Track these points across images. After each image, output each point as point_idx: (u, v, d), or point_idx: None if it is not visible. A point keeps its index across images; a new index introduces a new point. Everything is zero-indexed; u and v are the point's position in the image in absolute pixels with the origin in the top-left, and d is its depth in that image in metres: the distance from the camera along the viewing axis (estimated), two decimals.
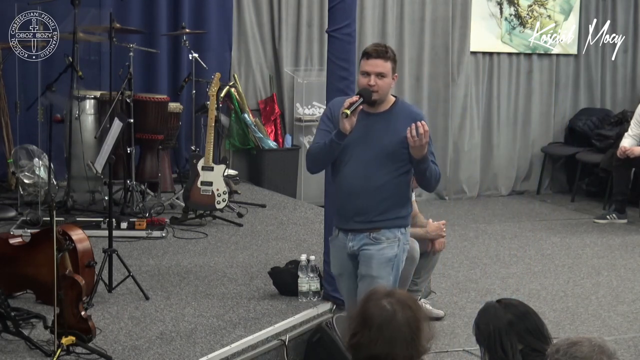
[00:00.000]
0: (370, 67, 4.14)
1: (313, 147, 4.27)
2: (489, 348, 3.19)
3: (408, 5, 9.52)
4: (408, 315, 2.72)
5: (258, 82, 9.11)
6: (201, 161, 7.19)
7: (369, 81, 4.12)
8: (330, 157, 4.20)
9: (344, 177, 4.24)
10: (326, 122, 4.23)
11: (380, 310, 2.72)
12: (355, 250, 4.28)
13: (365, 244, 4.25)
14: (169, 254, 6.38)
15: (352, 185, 4.22)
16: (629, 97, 10.63)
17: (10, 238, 5.34)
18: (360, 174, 4.19)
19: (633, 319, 5.91)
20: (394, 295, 2.79)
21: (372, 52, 4.15)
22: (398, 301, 2.75)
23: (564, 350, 2.59)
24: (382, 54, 4.15)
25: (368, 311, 2.75)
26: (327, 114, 4.27)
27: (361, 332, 2.73)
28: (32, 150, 7.44)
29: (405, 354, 2.71)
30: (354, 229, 4.26)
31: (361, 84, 4.17)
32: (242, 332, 4.87)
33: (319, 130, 4.26)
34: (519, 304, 3.30)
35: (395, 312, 2.71)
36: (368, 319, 2.73)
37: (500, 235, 8.11)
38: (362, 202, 4.21)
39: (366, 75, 4.14)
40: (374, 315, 2.72)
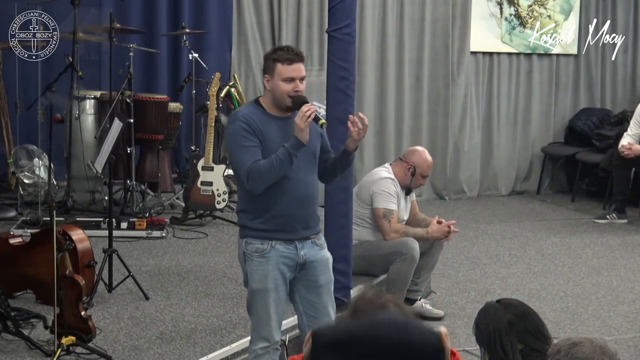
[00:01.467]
0: (295, 72, 3.96)
1: (259, 165, 3.90)
2: (489, 348, 3.19)
3: (408, 5, 9.51)
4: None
5: (258, 82, 9.10)
6: (201, 161, 7.20)
7: (296, 87, 3.96)
8: (284, 171, 3.93)
9: (290, 186, 4.01)
10: (248, 137, 3.93)
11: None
12: (307, 259, 4.08)
13: (313, 250, 4.10)
14: (169, 254, 6.38)
15: (300, 194, 4.05)
16: (629, 97, 10.63)
17: (10, 238, 5.35)
18: (303, 181, 4.06)
19: (633, 319, 5.91)
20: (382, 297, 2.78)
21: (293, 57, 3.99)
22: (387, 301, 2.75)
23: (565, 350, 2.59)
24: (302, 57, 4.04)
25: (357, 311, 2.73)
26: (246, 128, 3.93)
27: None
28: (32, 150, 7.44)
29: None
30: (302, 237, 4.07)
31: (284, 89, 3.95)
32: (242, 332, 4.88)
33: (245, 148, 3.91)
34: (519, 304, 3.30)
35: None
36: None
37: (500, 235, 8.11)
38: (309, 209, 4.11)
39: (290, 81, 3.96)
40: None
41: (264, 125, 3.96)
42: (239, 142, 3.95)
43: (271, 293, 4.02)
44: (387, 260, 5.53)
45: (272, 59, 4.01)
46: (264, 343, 4.03)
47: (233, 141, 3.99)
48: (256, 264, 4.02)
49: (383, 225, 5.59)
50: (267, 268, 4.02)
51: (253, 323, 4.09)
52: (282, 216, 4.01)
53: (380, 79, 9.46)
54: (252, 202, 4.02)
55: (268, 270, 4.01)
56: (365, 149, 9.37)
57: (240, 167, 3.96)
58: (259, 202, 3.99)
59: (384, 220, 5.58)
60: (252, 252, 4.02)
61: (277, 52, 4.03)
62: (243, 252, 4.06)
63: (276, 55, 4.00)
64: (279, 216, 4.01)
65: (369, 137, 9.40)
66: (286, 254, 4.03)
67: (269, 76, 4.01)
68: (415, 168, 5.69)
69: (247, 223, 4.05)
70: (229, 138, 4.04)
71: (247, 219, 4.04)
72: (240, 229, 4.11)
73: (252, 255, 4.02)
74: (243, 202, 4.09)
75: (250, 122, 3.95)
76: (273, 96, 4.00)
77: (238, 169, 3.99)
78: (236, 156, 3.98)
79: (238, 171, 4.00)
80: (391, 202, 5.61)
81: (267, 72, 4.02)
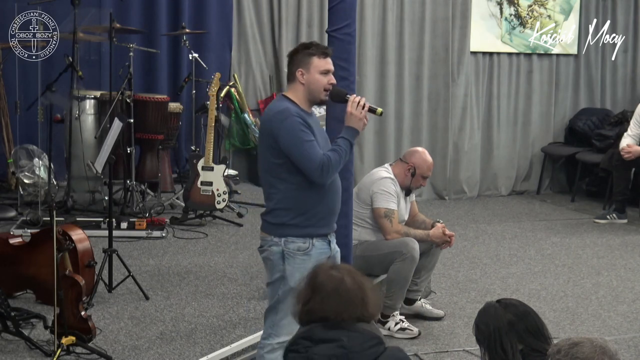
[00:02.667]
0: (329, 65, 4.10)
1: (330, 158, 3.97)
2: (489, 348, 3.20)
3: (408, 6, 9.51)
4: (356, 280, 3.02)
5: (258, 82, 9.11)
6: (201, 161, 7.20)
7: (330, 79, 4.09)
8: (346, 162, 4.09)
9: (335, 181, 4.12)
10: (307, 131, 3.98)
11: (329, 278, 3.00)
12: (334, 250, 4.19)
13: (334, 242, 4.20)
14: (169, 254, 6.38)
15: (339, 187, 4.16)
16: (629, 97, 10.63)
17: (10, 238, 5.35)
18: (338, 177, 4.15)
19: (633, 319, 5.91)
20: (339, 267, 3.14)
21: (327, 51, 4.11)
22: (344, 269, 3.07)
23: (565, 350, 2.59)
24: (330, 52, 4.15)
25: (318, 280, 3.01)
26: (302, 123, 3.99)
27: (313, 299, 2.98)
28: (32, 150, 7.44)
29: (353, 314, 2.98)
30: (333, 230, 4.17)
31: (322, 82, 4.05)
32: (242, 332, 4.88)
33: (309, 142, 3.96)
34: (519, 304, 3.30)
35: (343, 278, 3.00)
36: (318, 286, 2.99)
37: (500, 235, 8.11)
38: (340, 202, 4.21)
39: (326, 73, 4.08)
40: (324, 282, 2.99)
41: (308, 120, 4.02)
42: (302, 137, 3.95)
43: None
44: (387, 260, 5.52)
45: (307, 54, 4.06)
46: (286, 337, 3.91)
47: (295, 137, 3.96)
48: (299, 262, 4.02)
49: (384, 224, 5.59)
50: (309, 266, 3.96)
51: (280, 319, 4.05)
52: (326, 211, 4.07)
53: (381, 79, 9.46)
54: (298, 199, 4.02)
55: (307, 268, 3.94)
56: (365, 149, 9.37)
57: (309, 161, 3.95)
58: (306, 199, 4.01)
59: (385, 219, 5.58)
60: (294, 251, 4.03)
61: (310, 46, 4.09)
62: (281, 251, 4.04)
63: (311, 50, 4.06)
64: (322, 212, 4.06)
65: (369, 137, 9.40)
66: (322, 250, 4.07)
67: (303, 70, 4.04)
68: (416, 169, 5.69)
69: (287, 221, 4.03)
70: (289, 134, 3.97)
71: (289, 217, 4.03)
72: (275, 228, 4.08)
73: (295, 254, 4.03)
74: (286, 201, 4.04)
75: (302, 117, 3.99)
76: (308, 90, 4.05)
77: (307, 163, 3.96)
78: (303, 151, 3.95)
79: (307, 166, 3.96)
80: (391, 201, 5.60)
81: (301, 67, 4.04)
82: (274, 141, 3.99)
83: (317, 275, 3.03)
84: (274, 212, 4.08)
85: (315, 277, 3.03)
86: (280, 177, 4.03)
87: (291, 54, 4.15)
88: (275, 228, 4.08)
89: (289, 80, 4.13)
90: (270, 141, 4.01)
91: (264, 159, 4.11)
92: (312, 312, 2.98)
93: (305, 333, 2.99)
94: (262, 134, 4.12)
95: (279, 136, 3.97)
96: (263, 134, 4.11)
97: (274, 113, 4.04)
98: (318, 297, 2.96)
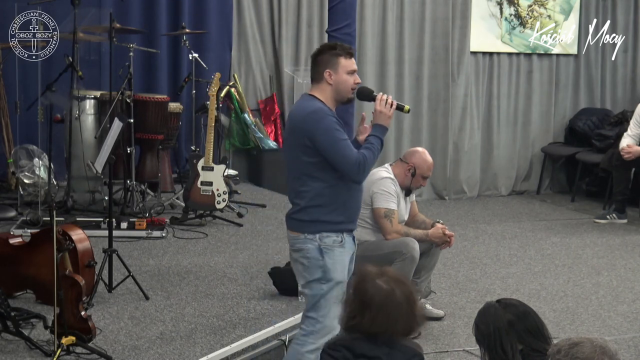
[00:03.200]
0: (354, 65, 4.21)
1: (366, 156, 4.08)
2: (489, 348, 3.19)
3: (408, 5, 9.52)
4: (404, 291, 2.86)
5: (258, 82, 9.11)
6: (201, 161, 7.20)
7: (356, 79, 4.19)
8: None
9: None
10: (342, 130, 4.10)
11: (378, 290, 2.83)
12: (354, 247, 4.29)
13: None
14: (169, 254, 6.38)
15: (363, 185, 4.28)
16: (629, 97, 10.63)
17: (10, 238, 5.34)
18: None
19: (633, 319, 5.91)
20: (386, 274, 2.91)
21: (351, 51, 4.22)
22: (392, 279, 2.88)
23: (566, 350, 2.59)
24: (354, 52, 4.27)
25: (366, 292, 2.84)
26: (337, 122, 4.11)
27: (361, 314, 2.84)
28: (32, 150, 7.44)
29: (405, 328, 2.86)
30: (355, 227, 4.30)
31: (350, 82, 4.15)
32: (242, 332, 4.88)
33: (345, 141, 4.06)
34: (519, 304, 3.30)
35: (393, 290, 2.83)
36: (367, 300, 2.83)
37: (500, 235, 8.11)
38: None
39: (353, 73, 4.18)
40: (372, 295, 2.83)
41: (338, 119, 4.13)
42: (338, 137, 4.06)
43: (340, 286, 4.12)
44: (387, 260, 5.51)
45: (333, 54, 4.16)
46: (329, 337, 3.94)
47: (332, 136, 4.05)
48: (337, 254, 4.12)
49: (384, 224, 5.59)
50: (345, 259, 4.17)
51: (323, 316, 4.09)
52: (355, 208, 4.22)
53: (381, 79, 9.46)
54: (332, 195, 4.11)
55: (345, 260, 4.17)
56: None
57: (346, 160, 4.05)
58: (339, 195, 4.11)
59: (385, 219, 5.58)
60: (331, 245, 4.11)
61: (336, 47, 4.20)
62: (318, 247, 4.11)
63: (337, 50, 4.17)
64: (352, 208, 4.20)
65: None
66: (350, 245, 4.20)
67: (331, 70, 4.13)
68: (416, 169, 5.69)
69: (322, 217, 4.10)
70: (326, 133, 4.06)
71: (323, 213, 4.10)
72: (310, 225, 4.13)
73: (333, 247, 4.11)
74: (319, 198, 4.11)
75: (335, 117, 4.11)
76: (336, 89, 4.14)
77: (344, 162, 4.06)
78: (340, 150, 4.05)
79: (344, 165, 4.06)
80: (391, 201, 5.60)
81: (329, 67, 4.13)
82: (309, 140, 4.06)
83: (365, 287, 2.86)
84: (307, 210, 4.14)
85: (364, 290, 2.86)
86: (312, 176, 4.11)
87: (316, 54, 4.23)
88: (309, 225, 4.13)
89: (315, 80, 4.19)
90: (304, 140, 4.08)
91: (294, 157, 4.16)
92: (359, 327, 2.86)
93: (347, 342, 2.91)
94: (292, 133, 4.18)
95: (316, 136, 4.05)
96: (293, 133, 4.17)
97: (308, 113, 4.10)
98: (367, 314, 2.83)
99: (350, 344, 2.88)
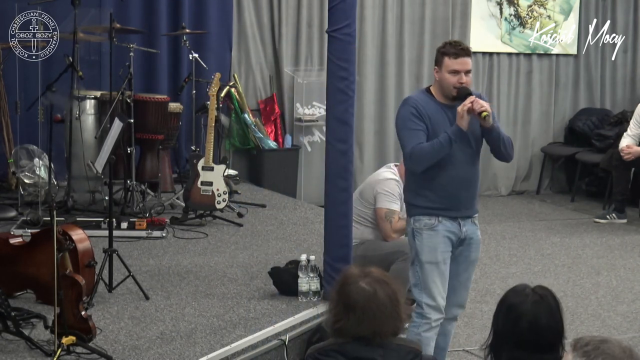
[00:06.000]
0: (459, 65, 4.42)
1: (422, 147, 4.32)
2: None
3: (408, 6, 9.52)
4: (387, 291, 2.85)
5: (258, 82, 9.11)
6: (201, 161, 7.20)
7: (460, 79, 4.40)
8: (444, 154, 4.34)
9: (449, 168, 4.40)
10: (416, 121, 4.38)
11: (361, 292, 2.82)
12: (467, 235, 4.49)
13: (471, 228, 4.51)
14: (169, 254, 6.38)
15: (458, 175, 4.42)
16: (628, 97, 10.63)
17: (10, 238, 5.34)
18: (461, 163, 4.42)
19: (633, 319, 5.91)
20: (369, 275, 2.90)
21: (458, 51, 4.43)
22: (375, 280, 2.87)
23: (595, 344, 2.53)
24: (468, 52, 4.47)
25: (349, 295, 2.84)
26: (414, 113, 4.39)
27: (345, 318, 2.82)
28: (32, 150, 7.44)
29: (389, 328, 2.84)
30: (464, 215, 4.47)
31: (451, 81, 4.40)
32: (242, 332, 4.88)
33: (411, 131, 4.36)
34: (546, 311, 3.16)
35: (376, 291, 2.82)
36: (351, 303, 2.82)
37: (500, 235, 8.11)
38: (469, 191, 4.49)
39: (456, 73, 4.40)
40: (355, 298, 2.82)
41: (432, 112, 4.41)
42: (407, 125, 4.39)
43: (440, 265, 4.43)
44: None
45: (441, 53, 4.47)
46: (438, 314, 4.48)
47: (402, 123, 4.42)
48: (426, 237, 4.42)
49: (384, 226, 5.59)
50: (437, 241, 4.41)
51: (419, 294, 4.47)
52: (445, 195, 4.40)
53: (380, 79, 9.47)
54: (414, 181, 4.47)
55: (437, 242, 4.42)
56: (365, 149, 9.37)
57: (404, 147, 4.42)
58: (420, 181, 4.42)
59: (385, 221, 5.58)
60: (421, 228, 4.43)
61: (445, 46, 4.49)
62: (412, 230, 4.48)
63: (444, 49, 4.46)
64: (442, 195, 4.41)
65: (369, 137, 9.41)
66: (452, 229, 4.43)
67: (437, 68, 4.47)
68: None
69: (412, 201, 4.49)
70: (399, 120, 4.45)
71: (412, 197, 4.49)
72: (408, 208, 4.57)
73: (422, 230, 4.43)
74: (408, 182, 4.58)
75: (419, 108, 4.40)
76: (441, 86, 4.46)
77: (403, 149, 4.44)
78: (403, 137, 4.41)
79: (403, 151, 4.45)
80: (394, 202, 5.61)
81: (436, 64, 4.48)
82: None
83: (348, 290, 2.86)
84: (405, 193, 4.62)
85: (346, 293, 2.86)
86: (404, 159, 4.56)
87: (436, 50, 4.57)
88: (407, 208, 4.59)
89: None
90: None
91: None
92: (346, 331, 2.85)
93: (338, 347, 2.89)
94: None
95: (396, 121, 4.50)
96: None
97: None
98: (352, 316, 2.83)
99: (342, 348, 2.87)
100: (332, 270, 5.21)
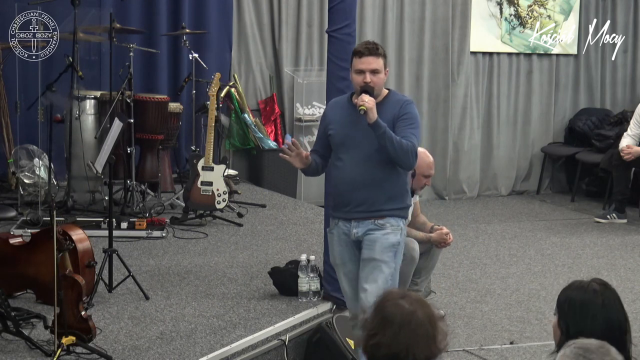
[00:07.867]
0: (364, 65, 4.30)
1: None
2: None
3: (408, 5, 9.52)
4: (427, 313, 2.79)
5: (258, 82, 9.11)
6: (201, 161, 7.20)
7: (365, 78, 4.28)
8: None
9: (339, 171, 4.42)
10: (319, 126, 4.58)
11: (399, 309, 2.77)
12: (360, 236, 4.40)
13: (370, 229, 4.39)
14: (169, 254, 6.38)
15: (349, 177, 4.37)
16: (628, 97, 10.63)
17: (10, 238, 5.34)
18: (351, 166, 4.36)
19: (633, 319, 5.88)
20: (409, 296, 2.85)
21: (363, 50, 4.32)
22: (415, 300, 2.81)
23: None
24: (374, 52, 4.32)
25: (387, 311, 2.79)
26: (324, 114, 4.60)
27: (382, 332, 2.76)
28: (32, 150, 7.44)
29: (425, 351, 2.76)
30: (356, 217, 4.39)
31: (356, 81, 4.31)
32: (242, 332, 4.88)
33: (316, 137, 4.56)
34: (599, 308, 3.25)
35: (415, 310, 2.77)
36: (388, 318, 2.77)
37: (500, 235, 8.11)
38: (361, 192, 4.37)
39: (360, 72, 4.30)
40: (393, 314, 2.77)
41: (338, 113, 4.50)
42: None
43: (339, 268, 4.52)
44: None
45: (352, 52, 4.41)
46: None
47: (419, 122, 4.41)
48: (329, 239, 4.58)
49: None
50: (332, 243, 4.53)
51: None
52: (338, 196, 4.46)
53: None
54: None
55: (334, 246, 4.51)
56: None
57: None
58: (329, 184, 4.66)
59: None
60: (330, 230, 4.57)
61: (358, 46, 4.43)
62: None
63: (355, 49, 4.40)
64: (334, 195, 4.50)
65: None
66: (344, 231, 4.44)
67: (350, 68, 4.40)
68: (415, 169, 5.68)
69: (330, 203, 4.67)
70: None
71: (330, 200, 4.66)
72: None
73: (329, 232, 4.57)
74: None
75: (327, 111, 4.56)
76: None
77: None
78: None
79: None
80: None
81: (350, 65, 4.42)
82: None
83: (387, 306, 2.81)
84: None
85: (385, 308, 2.81)
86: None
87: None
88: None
89: None
90: None
91: None
92: (379, 347, 2.77)
93: None
94: None
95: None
96: None
97: None
98: (388, 331, 2.76)
99: None
100: (332, 270, 5.20)
